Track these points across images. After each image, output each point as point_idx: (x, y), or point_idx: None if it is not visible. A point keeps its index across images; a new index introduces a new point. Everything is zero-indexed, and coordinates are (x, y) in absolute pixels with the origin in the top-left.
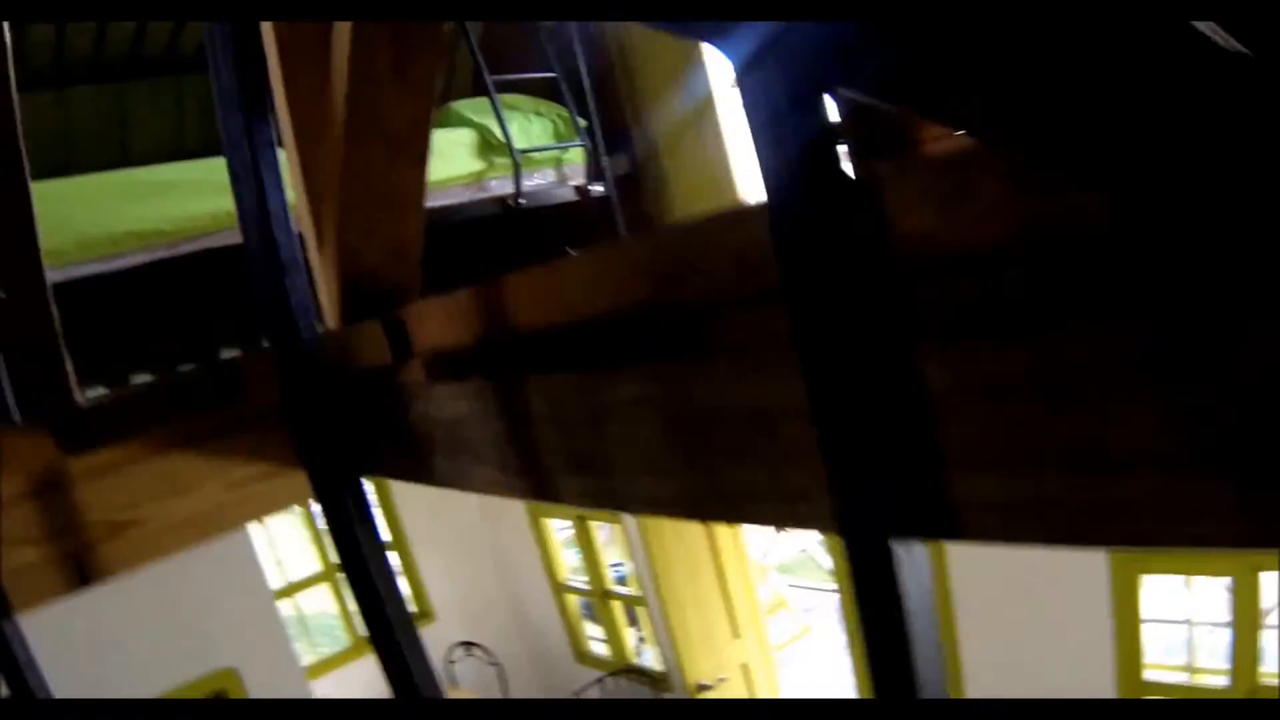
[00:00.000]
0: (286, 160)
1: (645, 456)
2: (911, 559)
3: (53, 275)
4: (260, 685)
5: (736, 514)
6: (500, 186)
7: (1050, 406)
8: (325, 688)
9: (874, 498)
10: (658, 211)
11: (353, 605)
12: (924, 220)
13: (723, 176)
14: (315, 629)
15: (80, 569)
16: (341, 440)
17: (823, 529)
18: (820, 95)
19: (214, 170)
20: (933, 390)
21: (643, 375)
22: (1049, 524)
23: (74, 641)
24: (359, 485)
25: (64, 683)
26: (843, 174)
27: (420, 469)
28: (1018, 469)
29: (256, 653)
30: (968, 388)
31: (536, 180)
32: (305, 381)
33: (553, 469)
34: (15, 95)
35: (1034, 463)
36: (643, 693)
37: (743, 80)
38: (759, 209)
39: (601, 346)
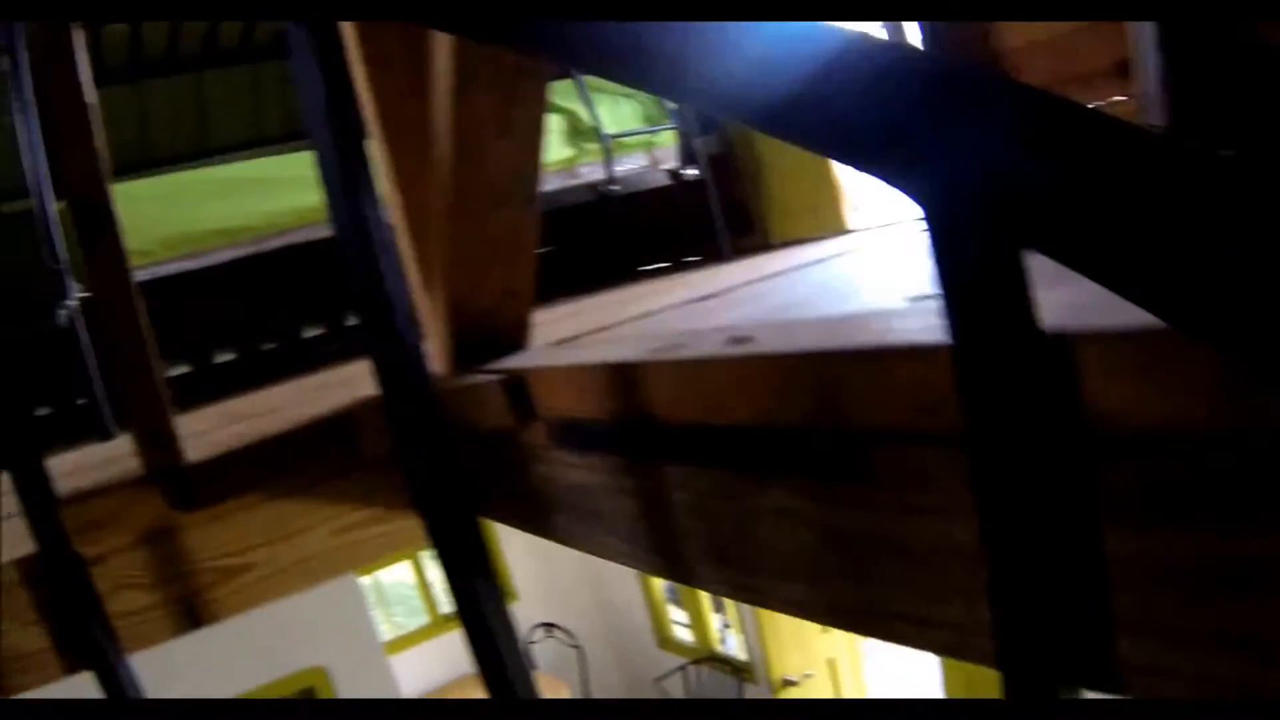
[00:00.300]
0: (387, 200)
1: (792, 564)
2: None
3: (138, 275)
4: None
5: (886, 633)
6: (591, 173)
7: (1231, 593)
8: (404, 664)
9: (1040, 648)
10: (752, 194)
11: (432, 577)
12: (1117, 392)
13: (816, 157)
14: (392, 599)
15: (190, 613)
16: (458, 488)
17: (980, 663)
18: (1021, 253)
19: (296, 165)
20: (1112, 559)
21: (797, 488)
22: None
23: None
24: (477, 533)
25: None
26: (1040, 333)
27: (541, 525)
28: (1188, 645)
29: (345, 652)
30: (1148, 563)
31: (628, 165)
32: (419, 432)
33: (690, 556)
34: (96, 99)
35: (1205, 641)
36: (725, 683)
37: (935, 229)
38: (936, 349)
39: (752, 451)
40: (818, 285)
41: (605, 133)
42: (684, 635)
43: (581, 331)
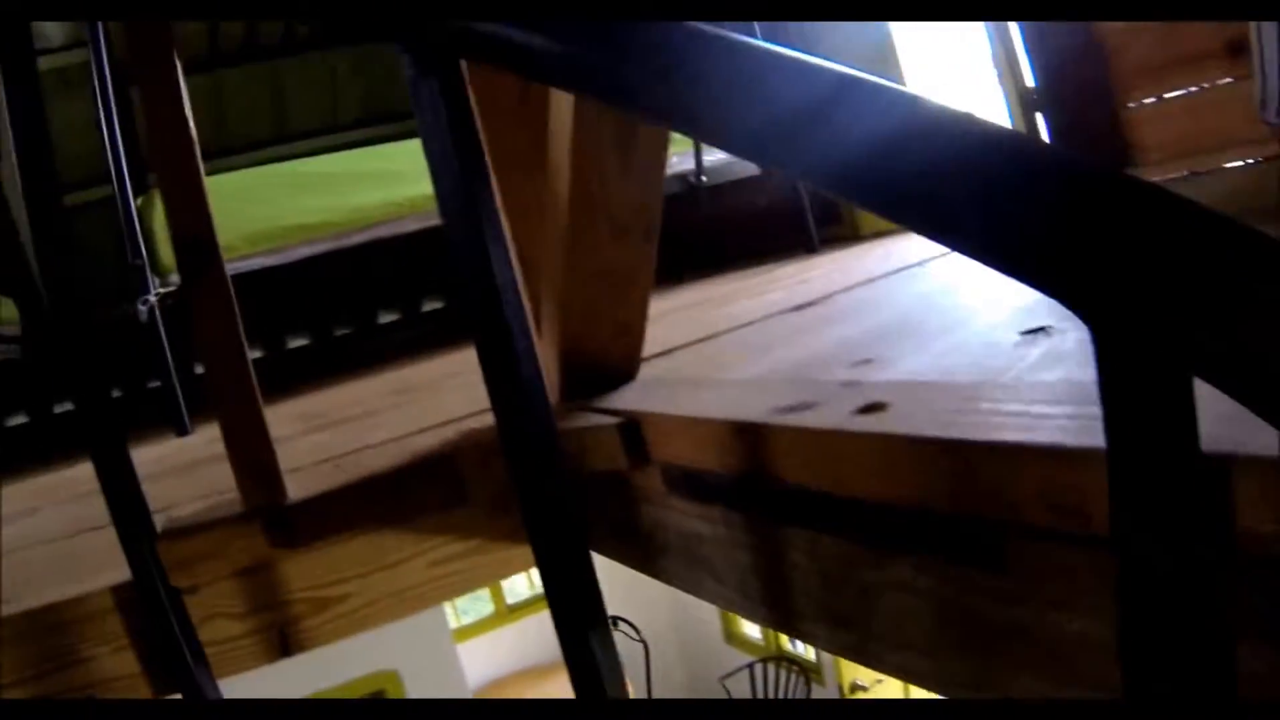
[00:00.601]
0: None
1: (909, 635)
2: None
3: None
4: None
5: None
6: (681, 163)
7: None
8: (468, 653)
9: None
10: None
11: None
12: (1270, 516)
13: None
14: None
15: (282, 641)
16: (574, 525)
17: None
18: (1189, 378)
19: (379, 159)
20: (1245, 673)
21: (921, 566)
22: None
23: None
24: (591, 572)
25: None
26: (1201, 456)
27: (646, 564)
28: None
29: (417, 657)
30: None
31: (718, 155)
32: (538, 468)
33: (802, 615)
34: (186, 98)
35: None
36: (792, 683)
37: (1102, 346)
38: (1079, 453)
39: (877, 525)
40: (921, 300)
41: None
42: (752, 632)
43: (680, 343)
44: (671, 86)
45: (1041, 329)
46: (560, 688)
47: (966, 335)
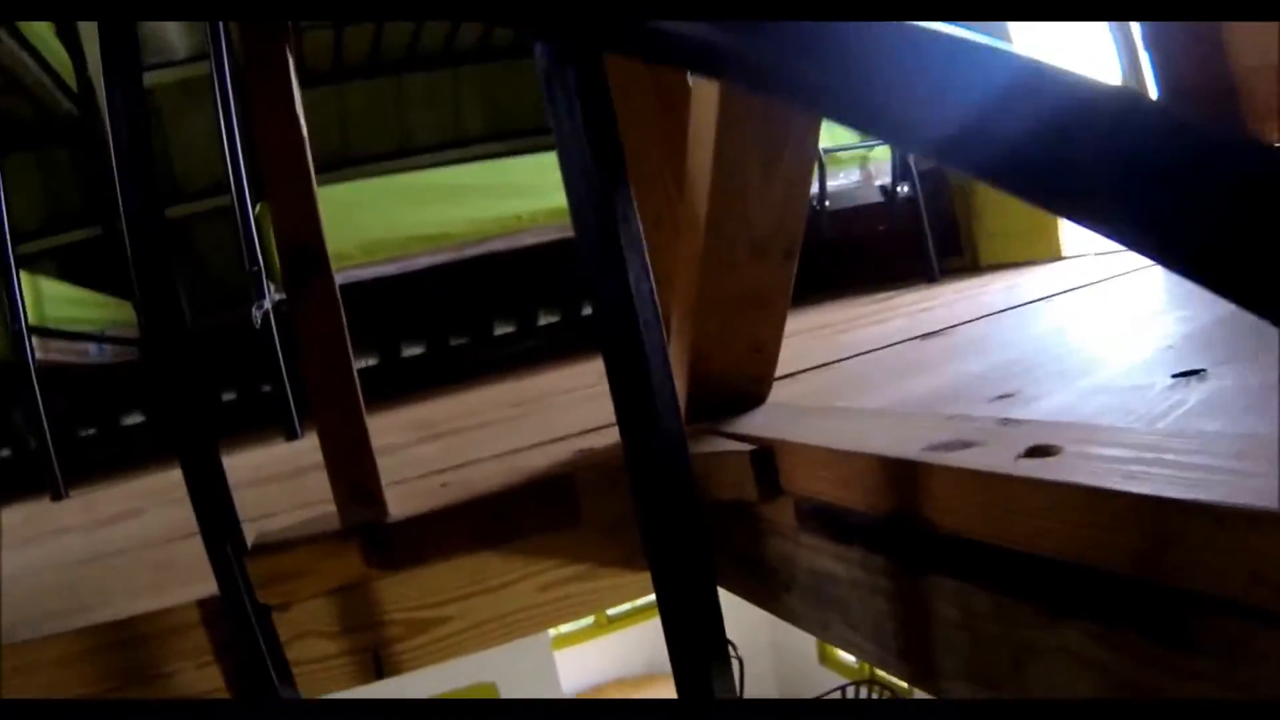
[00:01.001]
0: None
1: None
2: None
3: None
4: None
5: None
6: None
7: None
8: (568, 659)
9: None
10: (962, 213)
11: None
12: None
13: None
14: None
15: (375, 664)
16: (701, 555)
17: None
18: None
19: (498, 173)
20: None
21: (1095, 634)
22: None
23: None
24: (716, 606)
25: None
26: None
27: (768, 600)
28: None
29: (517, 669)
30: None
31: (842, 180)
32: (667, 494)
33: (947, 673)
34: (300, 104)
35: None
36: None
37: None
38: None
39: (1042, 582)
40: (1055, 336)
41: (819, 147)
42: (846, 656)
43: (804, 366)
44: (866, 84)
45: (1195, 372)
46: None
47: (1110, 375)
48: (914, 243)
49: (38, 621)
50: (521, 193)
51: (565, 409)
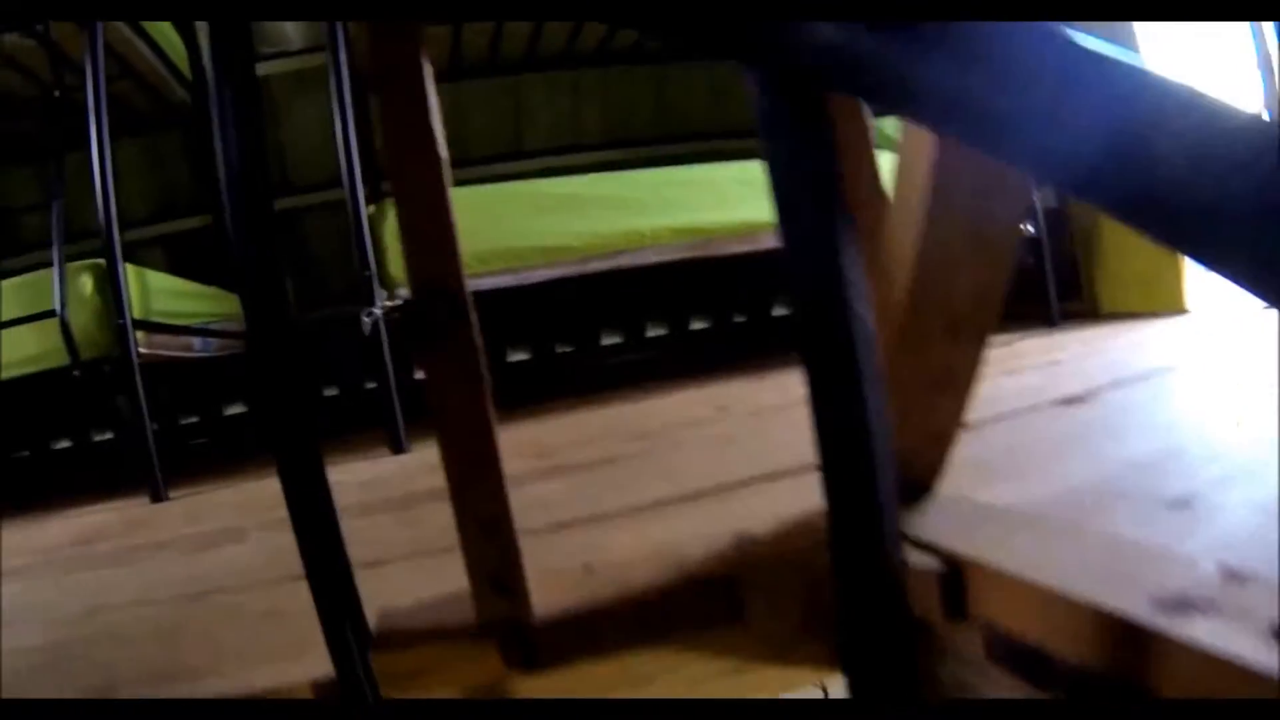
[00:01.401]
0: None
1: None
2: None
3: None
4: None
5: None
6: None
7: None
8: None
9: None
10: (1084, 256)
11: None
12: None
13: None
14: None
15: None
16: (906, 677)
17: None
18: None
19: (619, 185)
20: None
21: None
22: None
23: None
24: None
25: None
26: None
27: None
28: None
29: None
30: None
31: None
32: (874, 610)
33: None
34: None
35: None
36: None
37: None
38: None
39: None
40: (1213, 413)
41: None
42: None
43: None
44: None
45: None
46: None
47: None
48: (1033, 282)
49: (136, 684)
50: (644, 208)
51: (695, 450)
